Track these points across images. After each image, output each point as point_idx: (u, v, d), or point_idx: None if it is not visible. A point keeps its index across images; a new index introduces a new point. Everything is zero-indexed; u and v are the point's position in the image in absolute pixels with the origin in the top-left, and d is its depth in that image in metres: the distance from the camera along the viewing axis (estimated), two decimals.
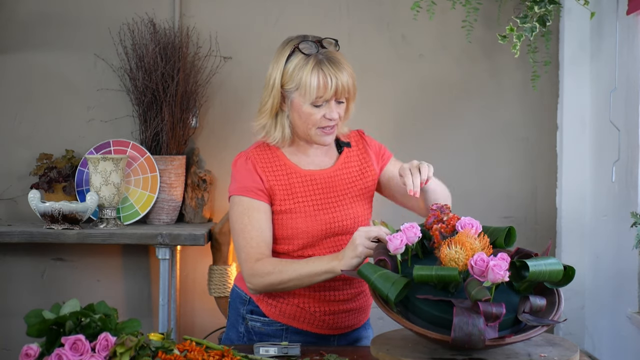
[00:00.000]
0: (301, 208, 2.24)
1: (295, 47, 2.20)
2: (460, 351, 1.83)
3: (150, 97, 3.41)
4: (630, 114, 3.02)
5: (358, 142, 2.40)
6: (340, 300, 2.28)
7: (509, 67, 3.53)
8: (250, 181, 2.24)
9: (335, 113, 2.21)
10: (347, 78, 2.19)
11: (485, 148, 3.57)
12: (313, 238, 2.24)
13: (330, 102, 2.20)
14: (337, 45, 2.25)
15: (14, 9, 3.54)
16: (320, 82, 2.16)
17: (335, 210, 2.27)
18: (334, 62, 2.18)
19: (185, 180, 3.50)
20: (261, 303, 2.30)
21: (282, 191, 2.25)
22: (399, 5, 3.52)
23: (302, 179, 2.27)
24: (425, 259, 1.99)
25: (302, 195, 2.25)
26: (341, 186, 2.30)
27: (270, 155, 2.29)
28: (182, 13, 3.54)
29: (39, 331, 1.74)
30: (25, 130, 3.57)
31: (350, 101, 2.26)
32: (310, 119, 2.21)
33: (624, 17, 3.07)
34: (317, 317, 2.27)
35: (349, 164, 2.34)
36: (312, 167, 2.31)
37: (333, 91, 2.17)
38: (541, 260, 1.84)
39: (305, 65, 2.18)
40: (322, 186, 2.28)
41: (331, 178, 2.30)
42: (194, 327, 3.59)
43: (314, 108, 2.20)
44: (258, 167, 2.26)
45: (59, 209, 3.18)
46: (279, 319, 2.28)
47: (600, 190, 3.32)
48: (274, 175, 2.26)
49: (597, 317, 3.36)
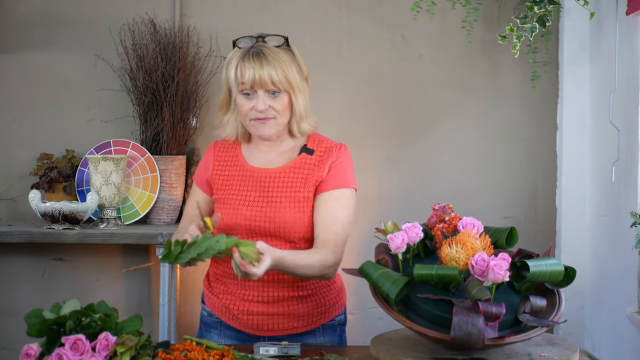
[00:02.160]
0: (228, 199, 2.28)
1: (234, 41, 2.29)
2: (460, 351, 1.83)
3: (151, 97, 3.41)
4: (630, 114, 3.02)
5: (325, 153, 2.31)
6: (259, 302, 2.26)
7: (509, 67, 3.53)
8: (202, 170, 2.39)
9: (261, 104, 2.22)
10: (268, 71, 2.20)
11: (485, 148, 3.57)
12: (234, 232, 2.24)
13: (258, 93, 2.22)
14: (285, 43, 2.28)
15: (14, 9, 3.54)
16: (238, 72, 2.23)
17: (261, 210, 2.24)
18: (259, 56, 2.22)
19: (186, 180, 3.50)
20: (205, 294, 2.39)
21: (220, 181, 2.32)
22: (399, 6, 3.52)
23: (243, 173, 2.31)
24: (427, 259, 1.99)
25: (235, 188, 2.29)
26: (278, 189, 2.27)
27: (229, 148, 2.38)
28: (182, 13, 3.54)
29: (39, 331, 1.74)
30: (25, 130, 3.57)
31: (293, 95, 2.25)
32: (242, 109, 2.26)
33: (623, 17, 3.07)
34: (236, 316, 2.29)
35: (298, 170, 2.29)
36: (260, 164, 2.33)
37: (250, 81, 2.21)
38: (542, 260, 1.85)
39: (233, 58, 2.26)
40: (259, 184, 2.28)
41: (271, 179, 2.29)
42: (194, 327, 3.59)
43: (244, 98, 2.25)
44: (213, 157, 2.37)
45: (59, 209, 3.18)
46: (214, 312, 2.35)
47: (600, 190, 3.33)
48: (222, 166, 2.35)
49: (597, 317, 3.36)
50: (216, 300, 2.33)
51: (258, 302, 2.26)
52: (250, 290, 2.26)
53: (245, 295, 2.27)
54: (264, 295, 2.25)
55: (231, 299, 2.29)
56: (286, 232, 2.23)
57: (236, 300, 2.28)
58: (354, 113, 3.51)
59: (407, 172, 3.55)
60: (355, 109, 3.52)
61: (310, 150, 2.31)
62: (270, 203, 2.25)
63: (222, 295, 2.31)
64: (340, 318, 2.39)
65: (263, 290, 2.25)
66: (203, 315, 2.41)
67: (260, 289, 2.25)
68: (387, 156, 3.53)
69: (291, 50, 2.28)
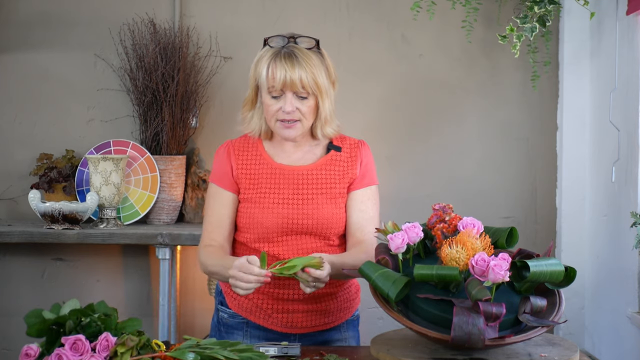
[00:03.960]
0: (261, 199, 2.26)
1: (266, 39, 2.27)
2: (460, 351, 1.83)
3: (151, 97, 3.41)
4: (630, 114, 3.02)
5: (352, 150, 2.35)
6: (294, 300, 2.27)
7: (509, 67, 3.53)
8: (222, 170, 2.32)
9: (289, 106, 2.21)
10: (299, 73, 2.19)
11: (485, 148, 3.57)
12: (268, 231, 2.24)
13: (287, 95, 2.21)
14: (316, 46, 2.26)
15: (14, 9, 3.54)
16: (269, 73, 2.20)
17: (297, 208, 2.25)
18: (290, 57, 2.20)
19: (185, 180, 3.50)
20: (227, 295, 2.35)
21: (248, 180, 2.29)
22: (399, 5, 3.52)
23: (271, 171, 2.29)
24: (427, 259, 1.99)
25: (266, 187, 2.27)
26: (313, 185, 2.28)
27: (249, 145, 2.33)
28: (182, 13, 3.54)
29: (39, 331, 1.74)
30: (25, 130, 3.57)
31: (319, 99, 2.25)
32: (269, 110, 2.24)
33: (623, 17, 3.07)
34: (270, 315, 2.28)
35: (331, 166, 2.31)
36: (287, 161, 2.31)
37: (281, 83, 2.19)
38: (542, 260, 1.84)
39: (264, 57, 2.24)
40: (290, 182, 2.27)
41: (303, 175, 2.28)
42: (194, 327, 3.59)
43: (272, 99, 2.23)
44: (232, 156, 2.32)
45: (59, 209, 3.18)
46: (239, 312, 2.32)
47: (600, 190, 3.32)
48: (245, 164, 2.31)
49: (597, 317, 3.36)
50: (244, 301, 2.30)
51: (293, 300, 2.27)
52: (285, 288, 2.26)
53: (279, 294, 2.26)
54: (299, 292, 2.25)
55: (264, 298, 2.27)
56: (323, 229, 2.24)
57: (270, 300, 2.27)
58: (354, 113, 3.51)
59: (407, 172, 3.55)
60: (355, 108, 3.52)
61: (337, 148, 2.33)
62: (306, 200, 2.25)
63: (252, 295, 2.28)
64: (357, 313, 2.43)
65: (297, 288, 2.25)
66: (222, 318, 2.36)
67: (294, 287, 2.25)
68: (387, 156, 3.52)
69: (321, 53, 2.27)
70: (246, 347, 1.82)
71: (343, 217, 2.29)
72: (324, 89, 2.23)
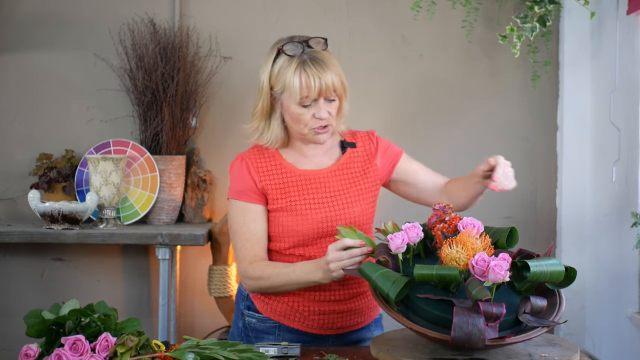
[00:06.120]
0: (293, 206, 2.24)
1: (280, 49, 2.21)
2: (460, 351, 1.83)
3: (150, 97, 3.41)
4: (630, 114, 3.02)
5: (365, 143, 2.38)
6: (331, 301, 2.27)
7: (509, 67, 3.53)
8: (244, 184, 2.27)
9: (324, 112, 2.20)
10: (331, 77, 2.18)
11: (485, 148, 3.57)
12: (304, 237, 2.24)
13: (319, 102, 2.20)
14: (326, 45, 2.24)
15: (14, 9, 3.54)
16: (303, 82, 2.17)
17: (329, 210, 2.25)
18: (318, 62, 2.18)
19: (185, 180, 3.50)
20: (256, 299, 2.33)
21: (275, 190, 2.26)
22: (399, 5, 3.52)
23: (296, 178, 2.27)
24: (427, 259, 1.99)
25: (295, 194, 2.25)
26: (338, 186, 2.29)
27: (266, 156, 2.30)
28: (182, 13, 3.54)
29: (38, 331, 1.74)
30: (25, 131, 3.57)
31: (342, 99, 2.25)
32: (301, 119, 2.21)
33: (624, 17, 3.07)
34: (306, 317, 2.27)
35: (351, 164, 2.33)
36: (309, 166, 2.31)
37: (317, 91, 2.17)
38: (542, 261, 1.84)
39: (288, 67, 2.19)
40: (317, 185, 2.27)
41: (328, 178, 2.29)
42: (194, 327, 3.59)
43: (303, 108, 2.20)
44: (252, 169, 2.28)
45: (58, 209, 3.18)
46: (271, 316, 2.30)
47: (600, 190, 3.32)
48: (268, 175, 2.27)
49: (598, 317, 3.36)
50: (277, 305, 2.29)
51: (329, 301, 2.26)
52: (321, 290, 2.26)
53: (315, 296, 2.26)
54: (335, 293, 2.26)
55: (300, 301, 2.27)
56: (355, 226, 2.24)
57: (305, 302, 2.26)
58: (354, 113, 3.50)
59: None
60: (355, 109, 3.51)
61: (352, 144, 2.35)
62: (336, 201, 2.26)
63: (285, 299, 2.27)
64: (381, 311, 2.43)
65: (333, 289, 2.26)
66: (250, 323, 2.33)
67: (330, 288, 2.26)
68: None
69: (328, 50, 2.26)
70: (246, 347, 1.82)
71: (372, 211, 2.32)
72: (347, 89, 2.25)
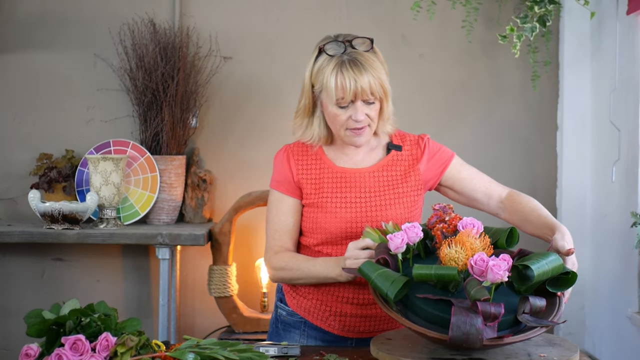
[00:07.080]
0: (324, 203, 2.23)
1: (322, 47, 2.19)
2: (459, 351, 1.83)
3: (150, 97, 3.41)
4: (630, 114, 3.02)
5: (412, 147, 2.33)
6: (354, 304, 2.25)
7: (509, 67, 3.53)
8: (283, 175, 2.28)
9: (360, 114, 2.16)
10: (368, 80, 2.14)
11: (485, 148, 3.57)
12: (332, 235, 2.22)
13: (356, 104, 2.16)
14: (371, 45, 2.21)
15: (14, 9, 3.54)
16: (339, 84, 2.14)
17: (361, 210, 2.22)
18: (356, 64, 2.14)
19: (185, 180, 3.50)
20: (286, 293, 2.33)
21: (310, 185, 2.25)
22: (399, 5, 3.52)
23: (332, 175, 2.26)
24: (427, 259, 1.99)
25: (328, 191, 2.24)
26: (374, 187, 2.25)
27: (307, 150, 2.30)
28: (182, 13, 3.54)
29: (38, 331, 1.74)
30: (25, 131, 3.57)
31: (384, 102, 2.21)
32: (337, 120, 2.19)
33: (624, 17, 3.07)
34: (328, 317, 2.26)
35: (393, 166, 2.28)
36: (348, 164, 2.28)
37: (352, 93, 2.14)
38: (542, 260, 1.84)
39: (327, 67, 2.16)
40: (352, 184, 2.25)
41: (365, 178, 2.26)
42: (194, 327, 3.59)
43: (339, 109, 2.18)
44: (292, 161, 2.28)
45: (59, 209, 3.18)
46: (298, 311, 2.30)
47: (600, 190, 3.32)
48: (306, 169, 2.27)
49: (597, 317, 3.36)
50: (303, 301, 2.28)
51: (352, 304, 2.24)
52: (345, 292, 2.24)
53: (339, 298, 2.24)
54: (358, 297, 2.24)
55: (324, 300, 2.25)
56: None
57: (329, 301, 2.25)
58: None
59: None
60: None
61: (398, 147, 2.31)
62: (369, 203, 2.23)
63: (311, 296, 2.27)
64: None
65: (357, 292, 2.24)
66: (280, 315, 2.35)
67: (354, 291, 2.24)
68: None
69: (375, 51, 2.22)
70: (246, 347, 1.82)
71: (408, 218, 2.25)
72: (388, 91, 2.20)
